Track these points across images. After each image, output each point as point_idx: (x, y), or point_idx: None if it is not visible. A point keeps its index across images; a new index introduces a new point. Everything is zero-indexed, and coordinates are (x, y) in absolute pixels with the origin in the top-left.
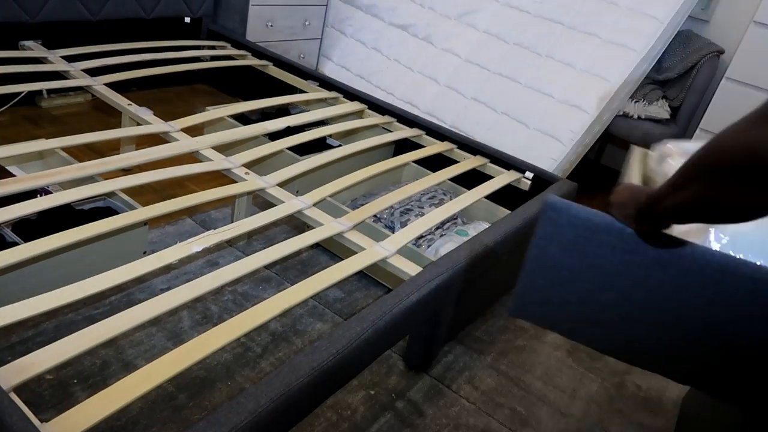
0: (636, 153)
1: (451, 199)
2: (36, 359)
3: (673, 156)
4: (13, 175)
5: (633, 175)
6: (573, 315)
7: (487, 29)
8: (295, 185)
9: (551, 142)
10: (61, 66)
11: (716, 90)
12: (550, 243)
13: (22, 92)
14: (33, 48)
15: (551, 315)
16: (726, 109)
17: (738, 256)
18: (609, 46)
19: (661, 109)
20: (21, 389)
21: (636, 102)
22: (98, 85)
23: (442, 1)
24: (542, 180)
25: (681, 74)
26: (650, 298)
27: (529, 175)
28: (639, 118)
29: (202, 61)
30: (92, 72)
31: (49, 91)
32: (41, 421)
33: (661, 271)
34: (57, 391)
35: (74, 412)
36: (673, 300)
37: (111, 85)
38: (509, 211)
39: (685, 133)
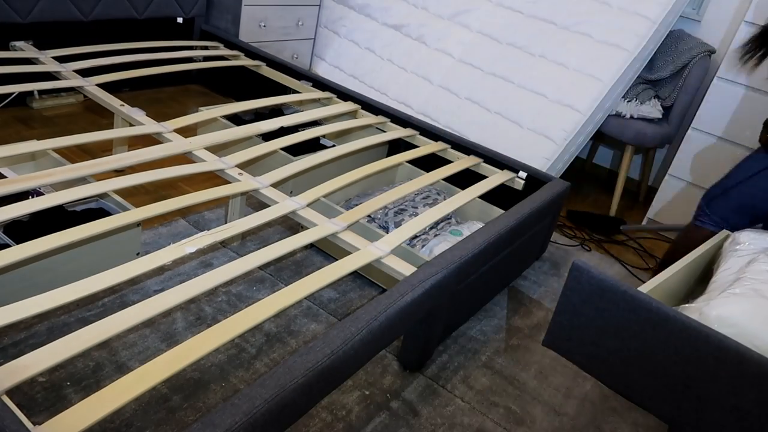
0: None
1: (444, 199)
2: (28, 362)
3: (743, 244)
4: (5, 177)
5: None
6: (587, 353)
7: (481, 29)
8: (289, 186)
9: (544, 142)
10: (53, 67)
11: (708, 89)
12: (573, 294)
13: (13, 93)
14: (24, 48)
15: (572, 350)
16: (718, 108)
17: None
18: (601, 45)
19: (653, 109)
20: (13, 392)
21: (628, 101)
22: (90, 85)
23: (435, 1)
24: (536, 180)
25: (673, 74)
26: (643, 349)
27: (523, 174)
28: (631, 117)
29: (194, 61)
30: (84, 73)
31: (41, 92)
32: (34, 423)
33: (652, 328)
34: (50, 393)
35: (67, 414)
36: (660, 352)
37: (103, 86)
38: (503, 211)
39: (677, 133)
